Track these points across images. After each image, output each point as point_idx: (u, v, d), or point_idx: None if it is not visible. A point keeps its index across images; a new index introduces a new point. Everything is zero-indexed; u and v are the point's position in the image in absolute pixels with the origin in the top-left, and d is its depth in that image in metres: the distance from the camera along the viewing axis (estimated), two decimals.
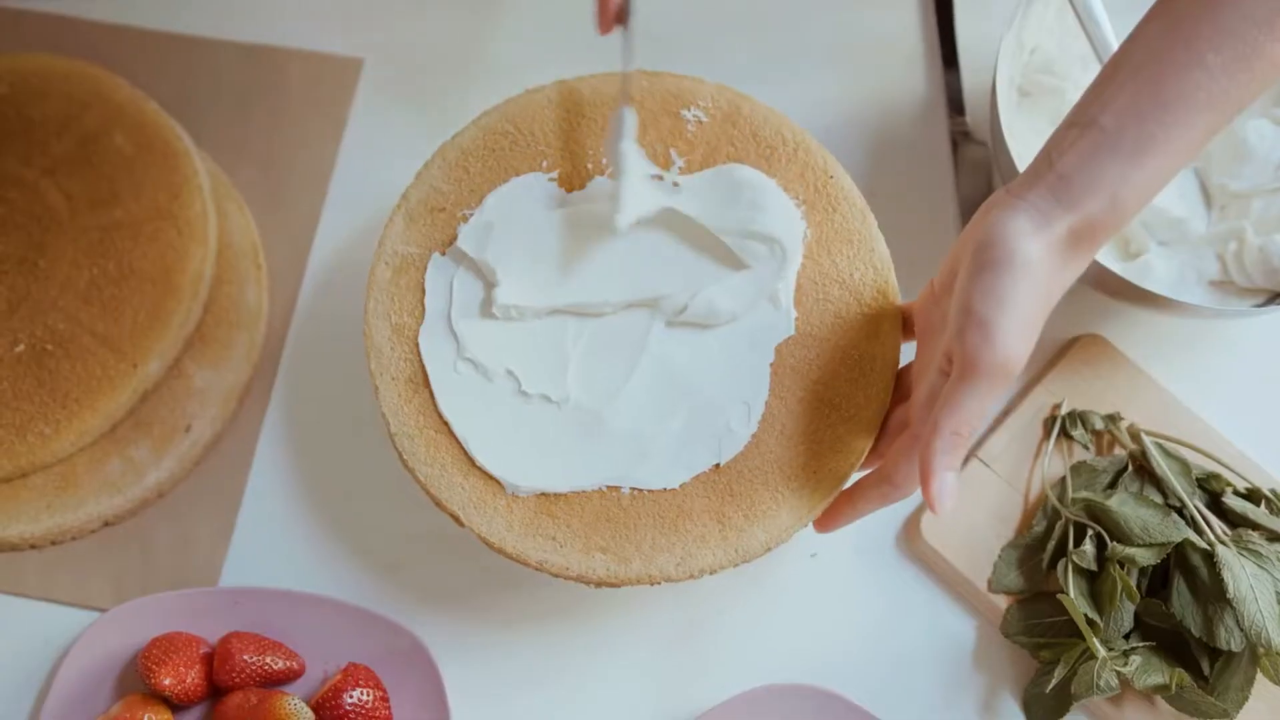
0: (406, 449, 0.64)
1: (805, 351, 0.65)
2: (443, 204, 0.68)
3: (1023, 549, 0.70)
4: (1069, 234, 0.55)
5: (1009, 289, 0.54)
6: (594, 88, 0.70)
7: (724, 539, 0.62)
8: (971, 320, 0.54)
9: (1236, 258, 0.72)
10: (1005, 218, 0.55)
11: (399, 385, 0.65)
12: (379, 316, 0.66)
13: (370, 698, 0.65)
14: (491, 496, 0.63)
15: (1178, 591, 0.66)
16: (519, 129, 0.69)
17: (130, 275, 0.73)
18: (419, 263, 0.67)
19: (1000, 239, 0.55)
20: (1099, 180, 0.54)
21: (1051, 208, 0.55)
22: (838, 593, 0.72)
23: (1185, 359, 0.76)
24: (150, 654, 0.66)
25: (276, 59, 0.84)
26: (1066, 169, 0.55)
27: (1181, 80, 0.53)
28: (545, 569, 0.62)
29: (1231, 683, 0.65)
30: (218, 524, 0.73)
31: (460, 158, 0.69)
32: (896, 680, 0.70)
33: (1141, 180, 0.54)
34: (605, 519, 0.62)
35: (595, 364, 0.65)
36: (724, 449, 0.63)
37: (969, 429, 0.55)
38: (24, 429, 0.70)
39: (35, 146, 0.76)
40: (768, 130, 0.69)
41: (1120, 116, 0.54)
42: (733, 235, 0.66)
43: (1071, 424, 0.73)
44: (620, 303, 0.65)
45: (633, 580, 0.62)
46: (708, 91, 0.70)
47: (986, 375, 0.54)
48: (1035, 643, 0.68)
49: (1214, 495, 0.69)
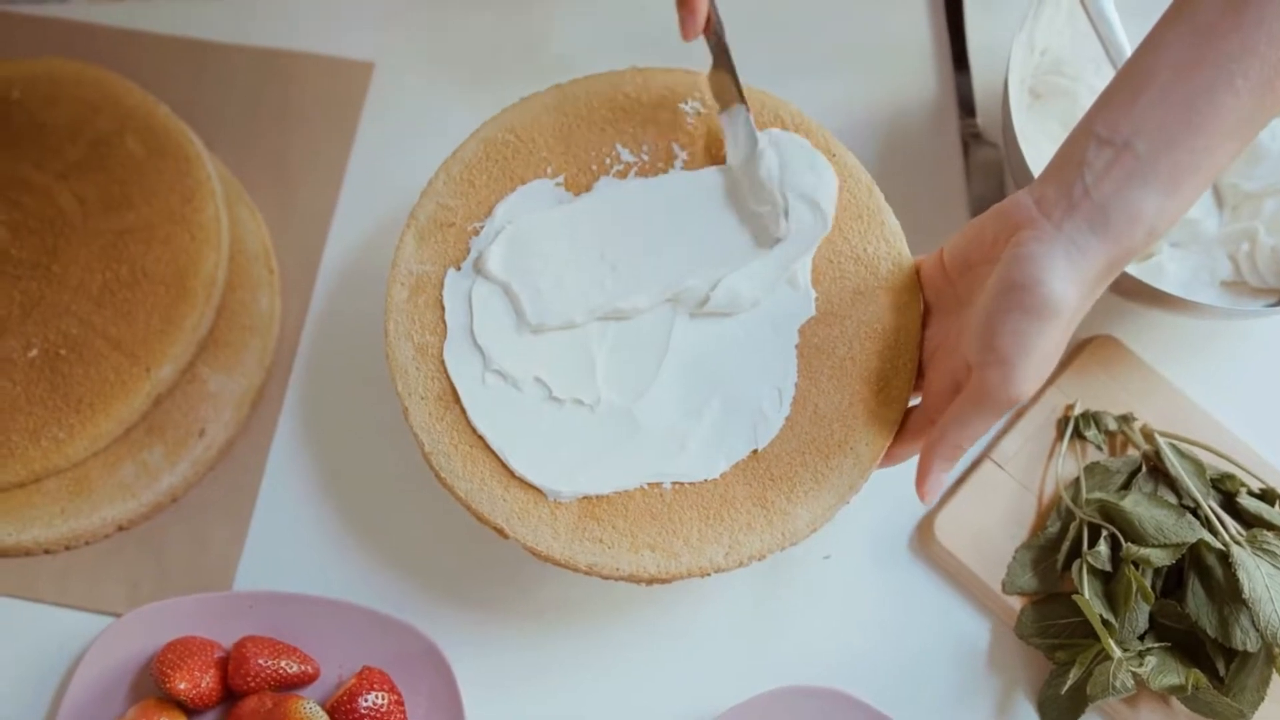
0: (444, 466, 0.63)
1: (828, 330, 0.65)
2: (451, 219, 0.68)
3: (1037, 550, 0.70)
4: (1103, 267, 0.55)
5: (1036, 336, 0.55)
6: (589, 90, 0.70)
7: (769, 523, 0.62)
8: (994, 358, 0.56)
9: (1249, 258, 0.72)
10: (1043, 257, 0.55)
11: (429, 404, 0.64)
12: (400, 337, 0.65)
13: (385, 701, 0.65)
14: (534, 506, 0.63)
15: (1193, 592, 0.66)
16: (519, 137, 0.69)
17: (143, 279, 0.73)
18: (435, 280, 0.67)
19: (1036, 283, 0.55)
20: (1138, 214, 0.54)
21: (1088, 241, 0.54)
22: (852, 594, 0.72)
23: (1198, 359, 0.76)
24: (165, 658, 0.66)
25: (288, 63, 0.84)
26: (1104, 198, 0.54)
27: (1213, 104, 0.53)
28: (595, 572, 0.62)
29: (1247, 683, 0.65)
30: (232, 528, 0.73)
31: (464, 171, 0.68)
32: (911, 682, 0.70)
33: (1174, 209, 0.55)
34: (650, 516, 0.63)
35: (623, 363, 0.65)
36: (759, 435, 0.64)
37: (969, 444, 0.59)
38: (38, 433, 0.70)
39: (48, 151, 0.76)
40: (765, 113, 0.69)
41: (1154, 142, 0.54)
42: (796, 197, 0.66)
43: (1085, 425, 0.73)
44: (647, 303, 0.65)
45: (683, 574, 0.62)
46: (701, 82, 0.70)
47: (997, 405, 0.57)
48: (1050, 644, 0.68)
49: (1228, 495, 0.69)
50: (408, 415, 0.64)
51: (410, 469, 0.72)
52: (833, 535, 0.72)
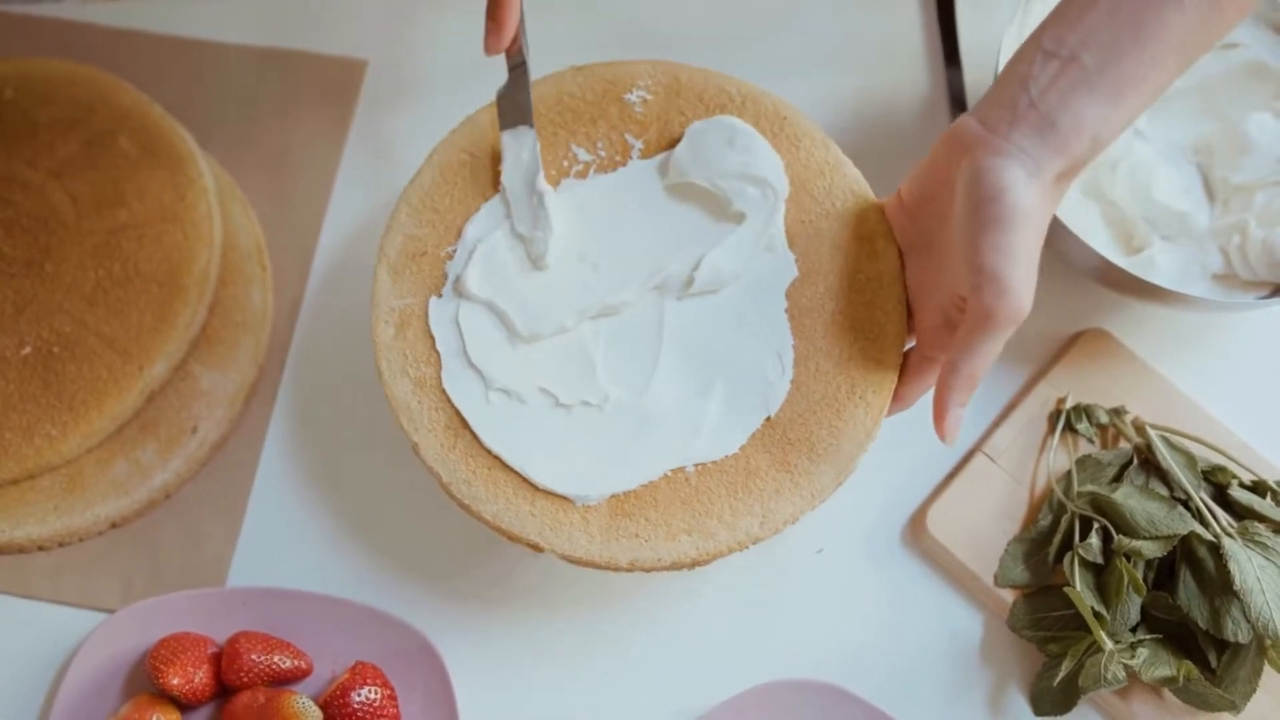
0: (466, 494, 0.63)
1: (814, 289, 0.66)
2: (422, 248, 0.67)
3: (1029, 543, 0.70)
4: (1056, 177, 0.57)
5: (1017, 243, 0.56)
6: (537, 97, 0.70)
7: (795, 485, 0.63)
8: (985, 278, 0.56)
9: (1240, 251, 0.72)
10: (1000, 168, 0.56)
11: (438, 435, 0.64)
12: (396, 375, 0.65)
13: (378, 696, 0.65)
14: (564, 514, 0.63)
15: (1184, 584, 0.66)
16: (474, 155, 0.69)
17: (136, 277, 0.73)
18: (418, 311, 0.66)
19: (1001, 194, 0.56)
20: (1083, 123, 0.56)
21: (1040, 152, 0.56)
22: (844, 588, 0.72)
23: (1189, 352, 0.77)
24: (158, 654, 0.66)
25: (281, 61, 0.84)
26: (1050, 110, 0.56)
27: (1160, 19, 0.55)
28: (638, 567, 0.62)
29: (1239, 674, 0.65)
30: (225, 524, 0.73)
31: (425, 199, 0.68)
32: (903, 675, 0.70)
33: (1118, 119, 0.56)
34: (679, 501, 0.63)
35: (622, 358, 0.65)
36: (769, 402, 0.64)
37: (983, 373, 0.59)
38: (31, 431, 0.71)
39: (41, 149, 0.76)
40: (711, 90, 0.70)
41: (1101, 54, 0.55)
42: (730, 179, 0.66)
43: (1076, 418, 0.73)
44: (634, 295, 0.66)
45: (724, 551, 0.62)
46: (643, 70, 0.70)
47: (1003, 324, 0.57)
48: (1042, 636, 0.68)
49: (1220, 487, 0.69)
50: (419, 451, 0.64)
51: (403, 464, 0.72)
52: (825, 529, 0.72)
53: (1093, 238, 0.73)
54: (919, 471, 0.74)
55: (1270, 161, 0.73)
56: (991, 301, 0.56)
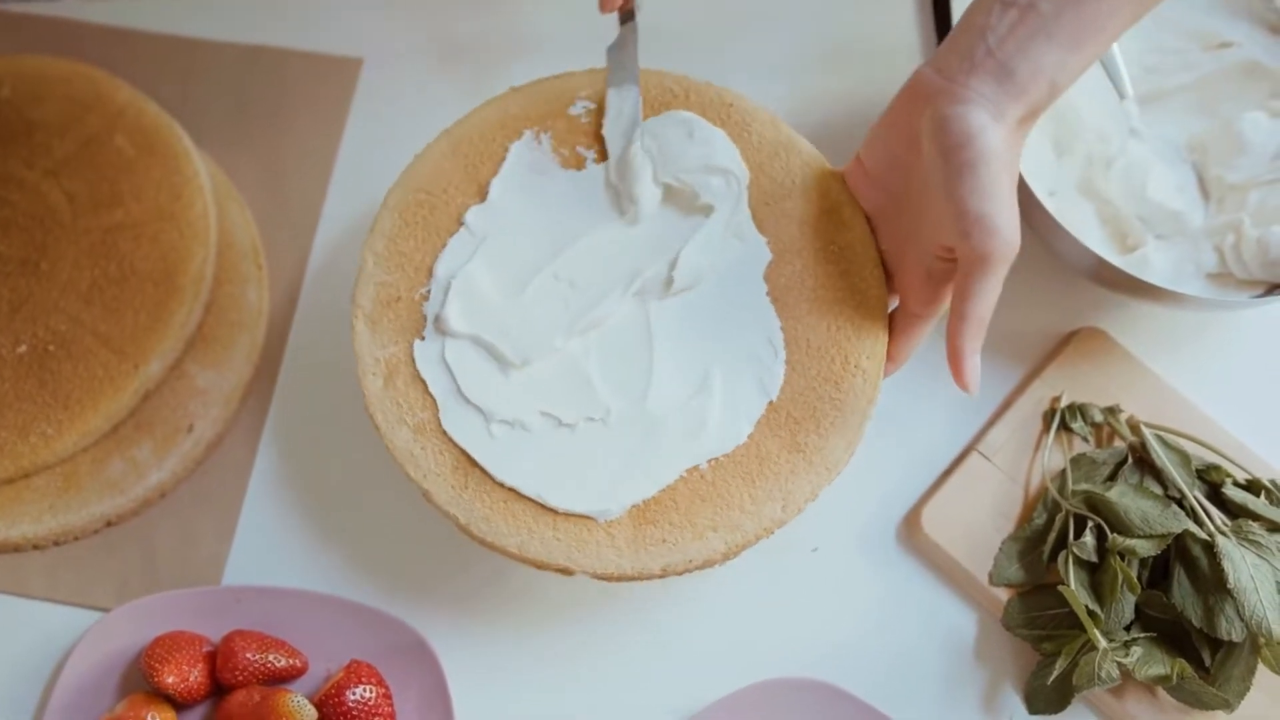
0: (487, 531, 0.63)
1: (790, 268, 0.67)
2: (395, 294, 0.67)
3: (1023, 541, 0.70)
4: (1017, 121, 0.58)
5: (993, 182, 0.57)
6: (478, 123, 0.70)
7: (809, 463, 0.63)
8: (972, 221, 0.57)
9: (1234, 250, 0.72)
10: (965, 114, 0.57)
11: (447, 478, 0.63)
12: (393, 425, 0.64)
13: (373, 694, 0.65)
14: (587, 533, 0.62)
15: (1178, 582, 0.66)
16: (430, 192, 0.68)
17: (132, 276, 0.73)
18: (404, 357, 0.65)
19: (971, 138, 0.57)
20: (1040, 69, 0.57)
21: (1000, 98, 0.57)
22: (839, 587, 0.72)
23: (1184, 351, 0.77)
24: (153, 653, 0.66)
25: (276, 59, 0.84)
26: (1007, 58, 0.57)
27: None
28: (670, 572, 0.62)
29: (1233, 673, 0.65)
30: (220, 523, 0.73)
31: (389, 245, 0.67)
32: (898, 673, 0.70)
33: (1075, 65, 0.57)
34: (700, 499, 0.63)
35: (616, 369, 0.65)
36: (768, 386, 0.64)
37: (989, 313, 0.59)
38: (26, 430, 0.71)
39: (37, 148, 0.76)
40: (652, 88, 0.70)
41: (1058, 1, 0.56)
42: (695, 173, 0.67)
43: (1071, 417, 0.73)
44: (616, 304, 0.66)
45: (751, 540, 0.63)
46: (583, 80, 0.71)
47: (999, 262, 0.58)
48: (1036, 635, 0.68)
49: (1214, 486, 0.70)
50: (431, 498, 0.63)
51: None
52: (820, 528, 0.73)
53: (1087, 236, 0.73)
54: (914, 470, 0.74)
55: (1265, 160, 0.73)
56: (983, 242, 0.57)
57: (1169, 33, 0.78)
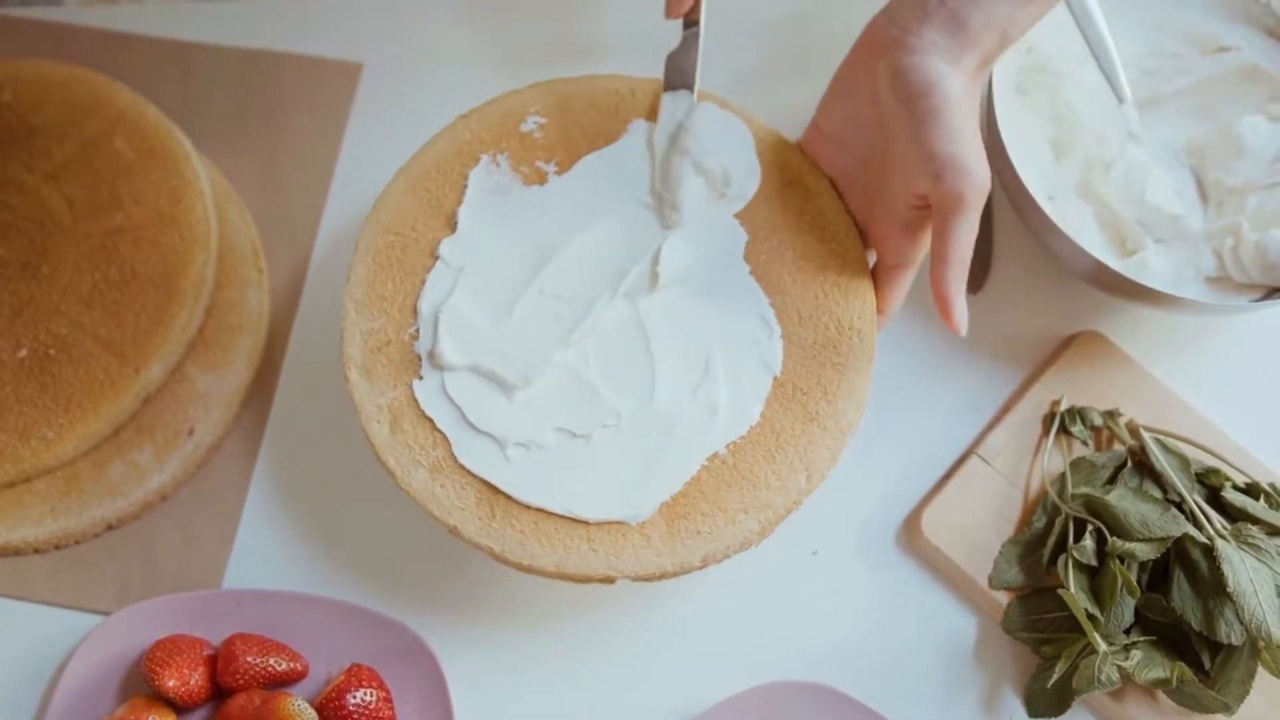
0: (523, 556, 0.62)
1: (767, 244, 0.68)
2: (384, 339, 0.66)
3: (1023, 545, 0.70)
4: (973, 68, 0.60)
5: (958, 126, 0.59)
6: (433, 156, 0.70)
7: (824, 430, 0.64)
8: (941, 163, 0.59)
9: (1233, 253, 0.72)
10: (923, 64, 0.59)
11: (473, 511, 0.63)
12: (409, 469, 0.64)
13: (374, 698, 0.65)
14: (623, 538, 0.62)
15: (1178, 586, 0.66)
16: (398, 233, 0.68)
17: (132, 279, 0.73)
18: (405, 399, 0.65)
19: (930, 86, 0.59)
20: (991, 21, 0.59)
21: (954, 48, 0.59)
22: (839, 590, 0.72)
23: (1183, 355, 0.77)
24: (154, 656, 0.66)
25: (276, 64, 0.84)
26: (959, 8, 0.59)
27: None
28: (711, 561, 0.63)
29: (1232, 676, 0.65)
30: (221, 527, 0.73)
31: (368, 291, 0.67)
32: (898, 676, 0.70)
33: (1025, 19, 0.60)
34: (725, 485, 0.63)
35: (619, 372, 0.65)
36: (770, 362, 0.65)
37: (969, 252, 0.60)
38: (27, 433, 0.71)
39: (37, 152, 0.76)
40: (599, 93, 0.71)
41: None
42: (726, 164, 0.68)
43: (1071, 420, 0.73)
44: (606, 309, 0.66)
45: (783, 515, 0.63)
46: (528, 95, 0.71)
47: (973, 202, 0.59)
48: (1036, 638, 0.68)
49: (1213, 490, 0.70)
50: (460, 533, 0.63)
51: None
52: (820, 531, 0.73)
53: (1086, 240, 0.73)
54: (913, 473, 0.74)
55: (1263, 164, 0.73)
56: (956, 183, 0.58)
57: (1168, 36, 0.78)
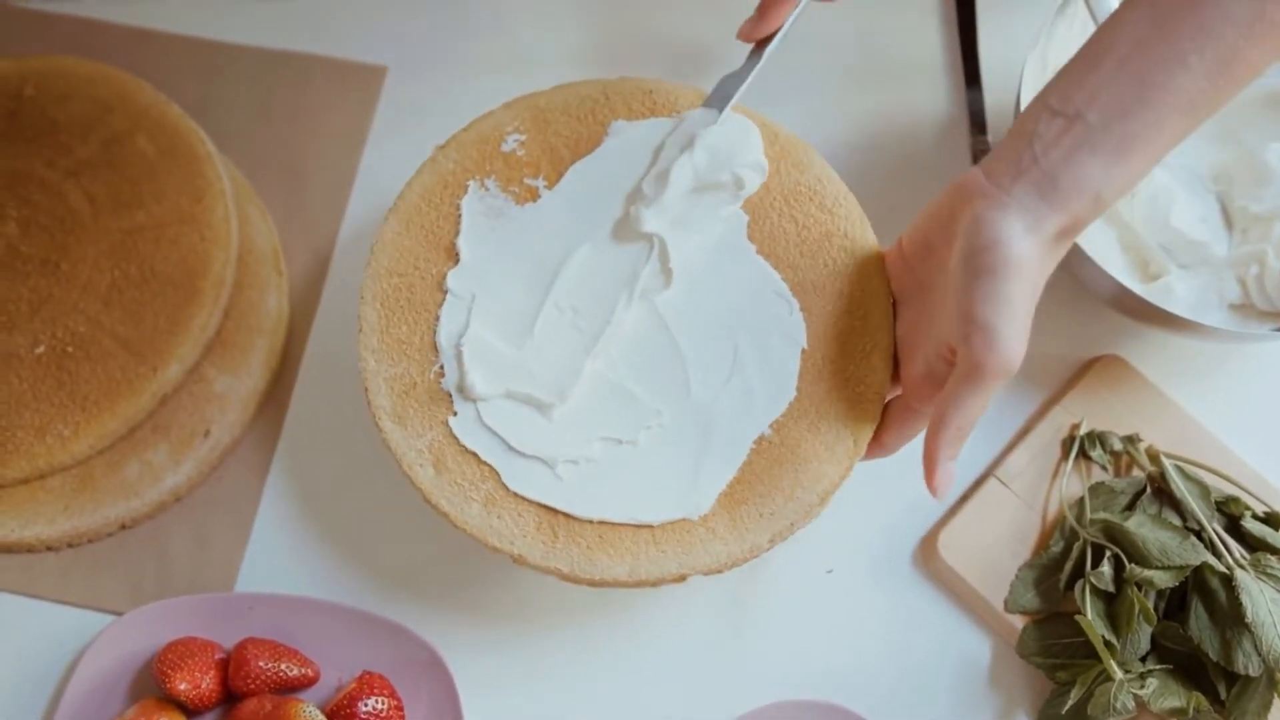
0: (592, 571, 0.62)
1: (768, 220, 0.67)
2: (410, 382, 0.65)
3: (1040, 569, 0.70)
4: (1057, 232, 0.57)
5: (1009, 294, 0.56)
6: (421, 192, 0.68)
7: (860, 395, 0.64)
8: (975, 327, 0.56)
9: (1258, 281, 0.72)
10: (998, 219, 0.56)
11: (534, 536, 0.62)
12: (461, 506, 0.63)
13: (385, 706, 0.65)
14: (688, 535, 0.62)
15: (1195, 615, 0.66)
16: (402, 274, 0.67)
17: (151, 279, 0.73)
18: (444, 438, 0.64)
19: (996, 244, 0.56)
20: (1085, 181, 0.55)
21: (1039, 208, 0.56)
22: (853, 609, 0.72)
23: (1205, 381, 0.76)
24: (165, 658, 0.66)
25: (300, 65, 0.84)
26: (1052, 167, 0.56)
27: (1165, 79, 0.54)
28: (778, 539, 0.62)
29: (1249, 707, 0.64)
30: (234, 529, 0.73)
31: (383, 339, 0.66)
32: (911, 698, 0.70)
33: (1121, 178, 0.56)
34: (777, 464, 0.63)
35: (651, 373, 0.65)
36: (795, 336, 0.65)
37: (971, 425, 0.58)
38: (43, 430, 0.70)
39: (59, 148, 0.76)
40: (574, 101, 0.70)
41: (1106, 113, 0.55)
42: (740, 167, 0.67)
43: (1090, 444, 0.73)
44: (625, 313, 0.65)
45: (838, 483, 0.63)
46: (503, 115, 0.70)
47: (992, 377, 0.56)
48: (1051, 663, 0.68)
49: (1233, 519, 0.69)
50: (525, 561, 0.62)
51: None
52: (835, 550, 0.72)
53: (1109, 264, 0.73)
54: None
55: None
56: (981, 352, 0.56)
57: None
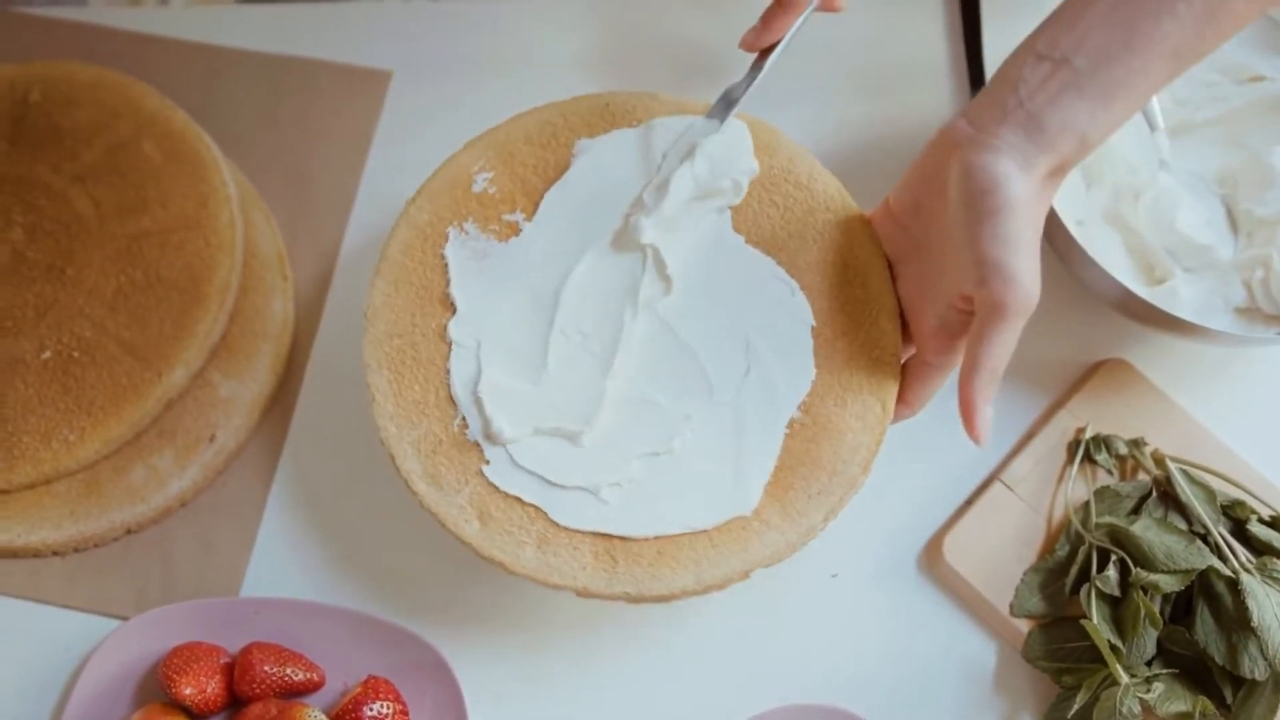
0: (659, 589, 0.62)
1: (749, 209, 0.68)
2: (435, 440, 0.64)
3: (1045, 573, 0.70)
4: (1047, 172, 0.58)
5: (1016, 232, 0.57)
6: (401, 244, 0.68)
7: (877, 360, 0.65)
8: (991, 269, 0.57)
9: (1263, 285, 0.72)
10: (991, 162, 0.57)
11: (594, 566, 0.62)
12: (515, 553, 0.62)
13: (390, 711, 0.65)
14: (743, 532, 0.62)
15: (1201, 619, 0.66)
16: (400, 333, 0.66)
17: (157, 284, 0.73)
18: (483, 489, 0.63)
19: (995, 185, 0.57)
20: (1070, 124, 0.57)
21: (1028, 149, 0.57)
22: (858, 613, 0.72)
23: (1210, 385, 0.76)
24: (171, 663, 0.66)
25: (305, 70, 0.84)
26: (1038, 110, 0.57)
27: (1152, 27, 0.55)
28: (831, 516, 0.63)
29: (1255, 712, 0.64)
30: (240, 534, 0.73)
31: (398, 400, 0.65)
32: (916, 702, 0.70)
33: (1106, 122, 0.57)
34: (814, 443, 0.64)
35: (671, 380, 0.65)
36: (803, 316, 0.66)
37: (1002, 366, 0.59)
38: (49, 435, 0.71)
39: (65, 154, 0.76)
40: (534, 129, 0.70)
41: (1093, 57, 0.56)
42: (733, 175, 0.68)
43: (1096, 448, 0.73)
44: (628, 324, 0.65)
45: (875, 449, 0.64)
46: (465, 157, 0.70)
47: (1015, 314, 0.57)
48: (1057, 667, 0.68)
49: (1238, 522, 0.69)
50: (590, 592, 0.62)
51: None
52: (840, 553, 0.72)
53: (1114, 267, 0.73)
54: (936, 498, 0.74)
55: None
56: (1001, 291, 0.56)
57: (1201, 65, 0.78)
